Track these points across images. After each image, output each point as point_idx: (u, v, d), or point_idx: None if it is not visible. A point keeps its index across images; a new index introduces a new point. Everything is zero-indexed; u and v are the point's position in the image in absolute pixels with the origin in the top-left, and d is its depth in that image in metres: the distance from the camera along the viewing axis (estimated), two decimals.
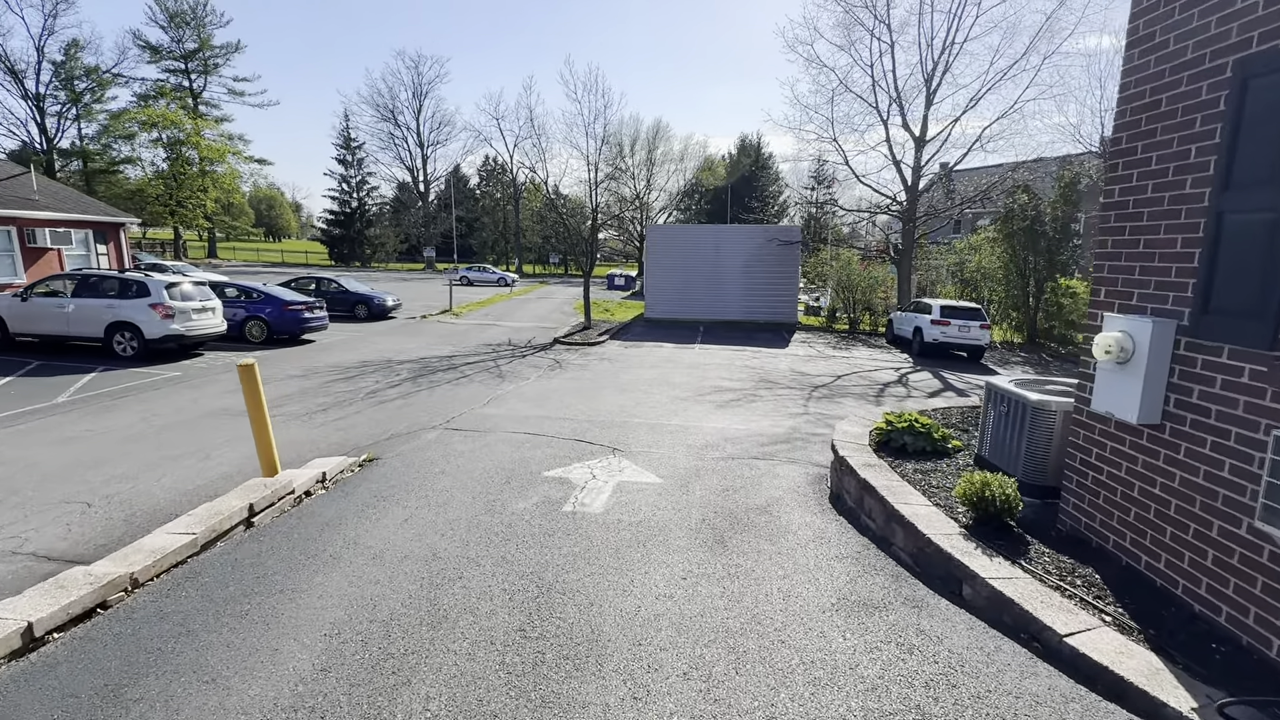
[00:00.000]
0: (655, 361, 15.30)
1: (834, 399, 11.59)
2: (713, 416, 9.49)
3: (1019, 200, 21.98)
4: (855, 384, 13.52)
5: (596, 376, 12.87)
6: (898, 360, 17.90)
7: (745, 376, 13.63)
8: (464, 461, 6.82)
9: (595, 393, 11.06)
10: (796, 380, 13.51)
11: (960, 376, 15.55)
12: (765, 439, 8.15)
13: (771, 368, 15.15)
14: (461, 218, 69.38)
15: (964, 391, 13.38)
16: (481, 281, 43.81)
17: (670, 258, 24.53)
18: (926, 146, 22.34)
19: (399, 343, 16.62)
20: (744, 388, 12.25)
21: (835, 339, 22.13)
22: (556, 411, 9.34)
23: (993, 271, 23.49)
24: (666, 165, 57.74)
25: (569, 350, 16.94)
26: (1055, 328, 22.96)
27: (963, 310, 18.50)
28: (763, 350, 18.42)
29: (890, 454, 6.10)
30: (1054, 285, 22.43)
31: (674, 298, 24.56)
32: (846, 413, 10.04)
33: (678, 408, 10.02)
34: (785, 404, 10.80)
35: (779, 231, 24.70)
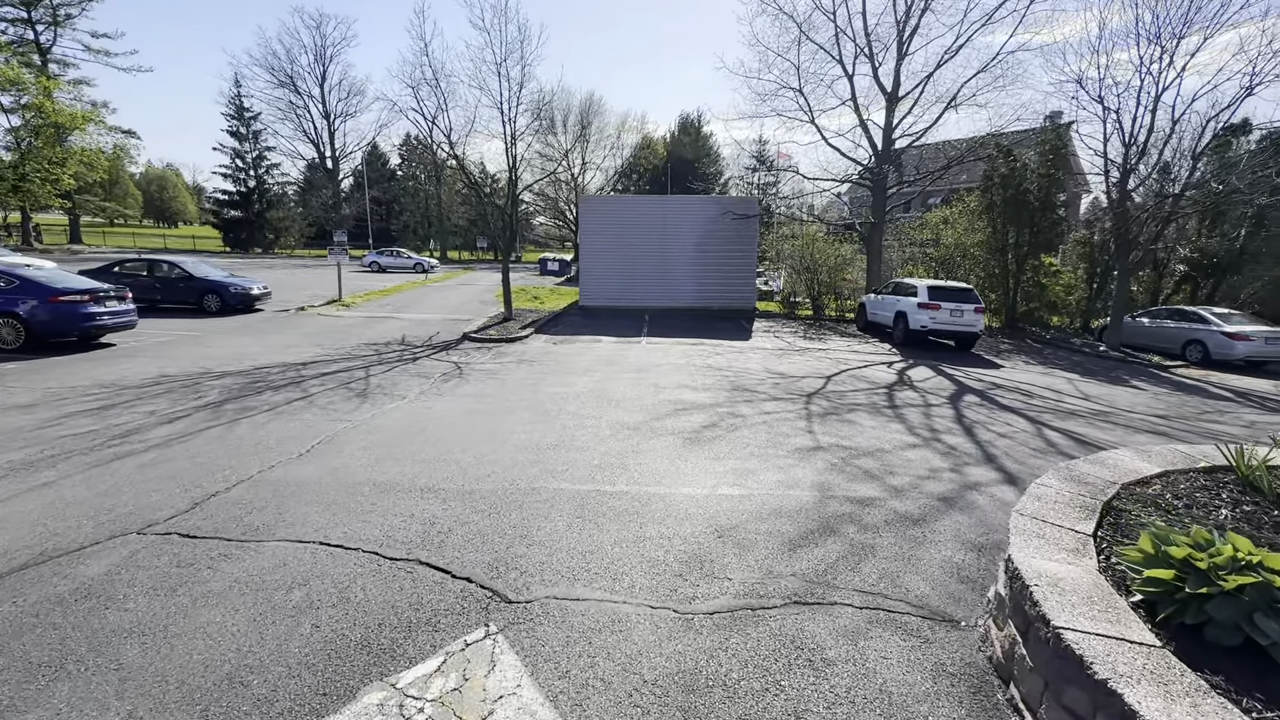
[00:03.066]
0: (591, 364, 11.62)
1: (842, 416, 8.28)
2: (683, 466, 5.91)
3: (1001, 167, 19.49)
4: (853, 389, 10.31)
5: (507, 390, 9.08)
6: (881, 352, 14.95)
7: (712, 383, 10.17)
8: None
9: (497, 422, 7.28)
10: (779, 387, 10.16)
11: (968, 373, 12.68)
12: (788, 522, 4.59)
13: (741, 368, 11.76)
14: (379, 199, 62.98)
15: (990, 395, 10.41)
16: (395, 268, 38.67)
17: (609, 235, 20.80)
18: (900, 104, 19.49)
19: (245, 345, 12.21)
20: (715, 401, 8.77)
21: (801, 327, 19.09)
22: (417, 471, 5.49)
23: (971, 248, 21.05)
24: (602, 142, 53.78)
25: (480, 349, 13.01)
26: (1035, 310, 20.80)
27: (953, 291, 15.75)
28: (724, 344, 15.06)
29: (1187, 640, 2.72)
30: (1035, 263, 20.20)
31: (614, 282, 20.87)
32: (871, 439, 6.72)
33: (626, 448, 6.39)
34: (783, 431, 7.38)
35: (734, 204, 21.39)
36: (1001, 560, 3.28)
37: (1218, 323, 15.74)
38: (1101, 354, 16.53)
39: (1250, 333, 15.25)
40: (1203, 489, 3.28)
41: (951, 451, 6.82)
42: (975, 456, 6.68)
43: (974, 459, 6.58)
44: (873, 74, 19.35)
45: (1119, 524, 2.91)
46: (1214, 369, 15.16)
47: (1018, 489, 5.59)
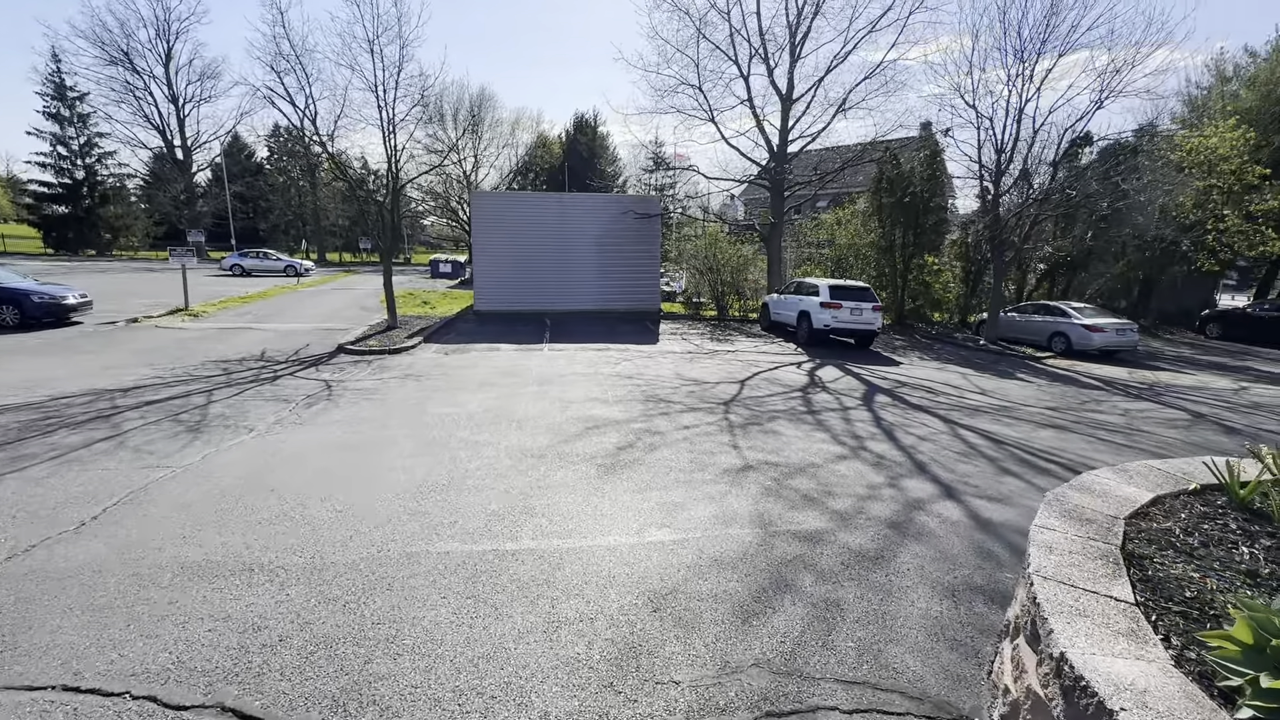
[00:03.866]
0: (488, 376, 10.41)
1: (764, 426, 7.73)
2: (601, 504, 4.99)
3: (888, 171, 20.29)
4: (769, 394, 9.88)
5: (387, 413, 7.72)
6: (788, 352, 14.86)
7: (624, 394, 9.33)
8: None
9: (370, 459, 5.99)
10: (694, 395, 9.52)
11: (873, 371, 12.77)
12: (734, 576, 3.78)
13: (652, 375, 11.04)
14: (244, 196, 56.47)
15: (899, 394, 10.40)
16: (262, 271, 34.57)
17: (505, 234, 19.43)
18: (794, 106, 19.74)
19: (47, 367, 9.78)
20: (629, 416, 7.93)
21: (707, 328, 18.80)
22: (249, 539, 4.15)
23: (863, 249, 21.79)
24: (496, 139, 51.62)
25: (357, 364, 11.36)
26: (921, 307, 21.92)
27: (853, 291, 16.01)
28: (631, 348, 14.32)
29: None
30: (920, 263, 21.26)
31: (512, 284, 19.53)
32: (799, 452, 6.17)
33: (530, 484, 5.37)
34: (706, 448, 6.66)
35: (636, 203, 20.75)
36: (1004, 638, 2.65)
37: (1077, 316, 17.14)
38: (982, 348, 17.52)
39: (1103, 325, 16.72)
40: (1205, 518, 2.84)
41: (882, 462, 6.42)
42: (906, 466, 6.31)
43: (905, 469, 6.21)
44: (768, 75, 19.48)
45: (1150, 579, 2.35)
46: (1076, 359, 16.47)
47: (958, 504, 5.22)
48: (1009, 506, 5.20)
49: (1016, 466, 6.56)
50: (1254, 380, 14.17)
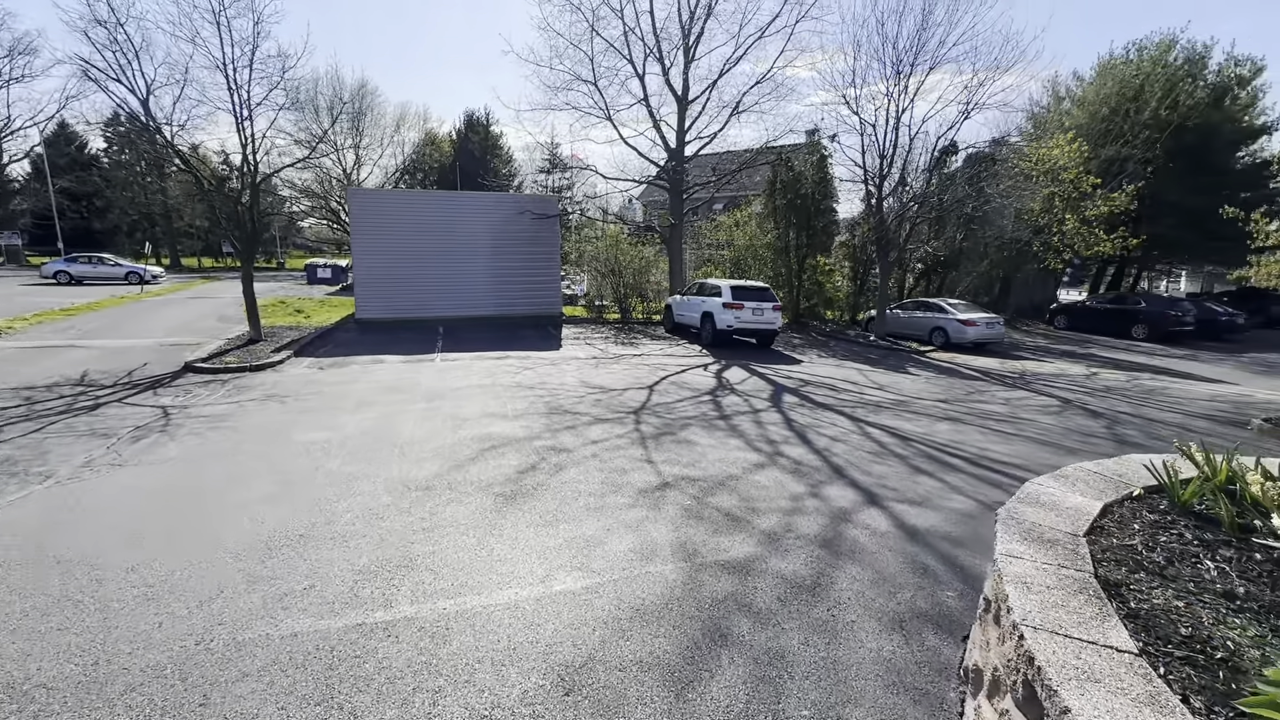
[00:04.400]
0: (369, 393, 9.23)
1: (677, 435, 7.29)
2: (499, 546, 4.26)
3: (782, 174, 20.83)
4: (678, 399, 9.50)
5: (240, 444, 6.47)
6: (694, 354, 14.68)
7: (525, 406, 8.56)
8: None
9: (208, 505, 4.86)
10: (602, 404, 8.93)
11: (777, 370, 12.82)
12: (661, 632, 3.17)
13: (556, 384, 10.33)
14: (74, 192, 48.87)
15: (805, 393, 10.40)
16: (98, 278, 29.90)
17: (390, 235, 17.86)
18: (690, 106, 19.73)
19: None
20: (531, 433, 7.19)
21: (611, 332, 18.31)
22: (4, 639, 3.07)
23: (760, 249, 22.25)
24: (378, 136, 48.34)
25: (210, 384, 9.73)
26: (815, 305, 22.73)
27: (753, 291, 16.14)
28: (532, 355, 13.50)
29: None
30: (813, 263, 22.03)
31: (398, 289, 17.99)
32: (716, 463, 5.77)
33: (413, 526, 4.53)
34: (618, 464, 6.08)
35: (533, 202, 19.86)
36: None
37: (954, 312, 18.39)
38: (872, 343, 18.36)
39: (976, 319, 18.05)
40: (1157, 527, 2.64)
41: (799, 468, 6.16)
42: (824, 471, 6.09)
43: (824, 475, 5.98)
44: (663, 75, 19.33)
45: (1138, 614, 2.07)
46: (955, 351, 17.64)
47: (882, 511, 5.01)
48: (930, 510, 5.06)
49: (926, 464, 6.54)
50: (1100, 366, 15.77)
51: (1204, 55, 25.97)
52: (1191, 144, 24.73)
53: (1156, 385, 13.18)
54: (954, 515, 4.95)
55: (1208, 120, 25.01)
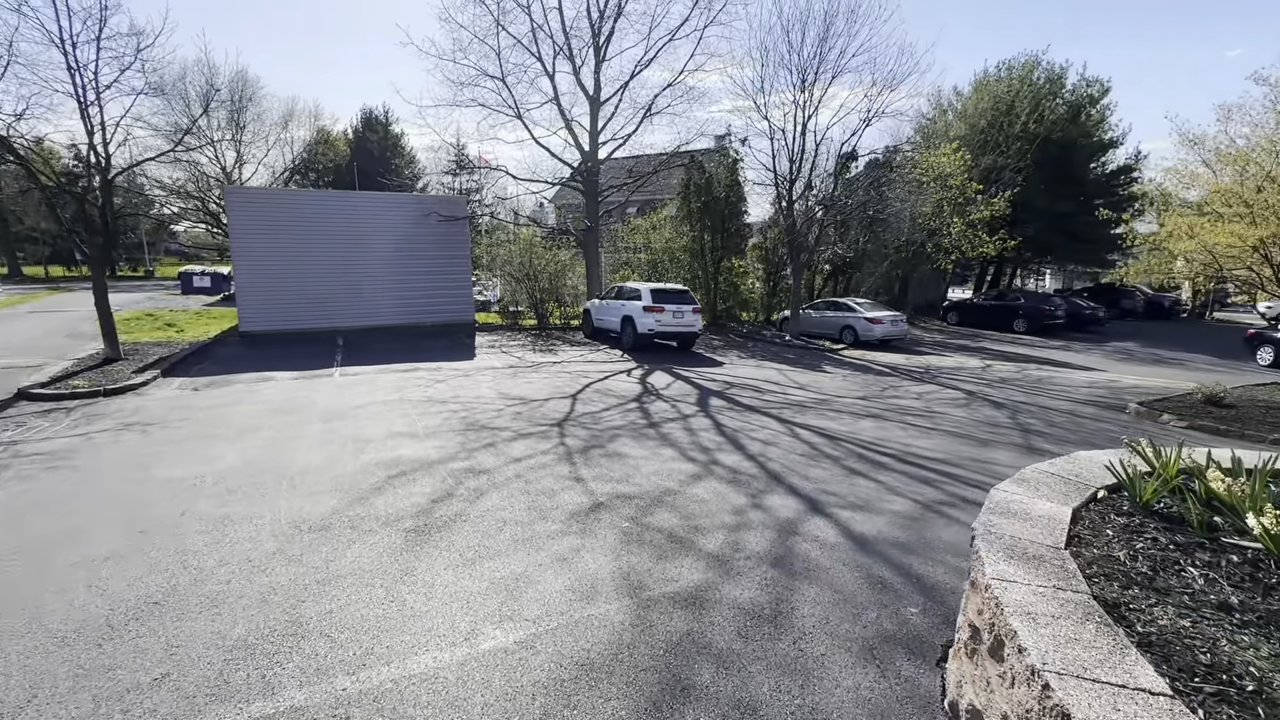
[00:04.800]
0: (253, 417, 8.12)
1: (606, 448, 6.86)
2: (412, 597, 3.63)
3: (695, 177, 20.93)
4: (604, 408, 9.08)
5: (83, 486, 5.35)
6: (615, 359, 14.32)
7: (438, 423, 7.82)
8: None
9: (30, 575, 3.89)
10: (523, 417, 8.33)
11: (701, 373, 12.70)
12: (614, 692, 2.76)
13: (471, 397, 9.60)
14: None
15: (731, 396, 10.28)
16: None
17: (278, 238, 16.22)
18: (603, 107, 19.39)
19: None
20: (446, 454, 6.50)
21: (528, 339, 17.60)
22: None
23: (677, 252, 22.26)
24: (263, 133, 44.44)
25: (51, 413, 8.22)
26: (731, 307, 23.04)
27: (673, 294, 16.02)
28: (445, 366, 12.60)
29: None
30: (728, 265, 22.32)
31: (290, 299, 16.38)
32: (650, 476, 5.42)
33: (302, 579, 3.81)
34: (545, 485, 5.56)
35: (440, 204, 18.76)
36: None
37: (861, 311, 19.18)
38: (788, 343, 18.79)
39: (882, 317, 18.91)
40: (1130, 532, 2.53)
41: (737, 477, 5.91)
42: (762, 479, 5.87)
43: (762, 482, 5.76)
44: (574, 74, 18.87)
45: (1151, 643, 1.88)
46: (864, 349, 18.37)
47: (827, 519, 4.82)
48: (873, 514, 4.94)
49: (859, 465, 6.50)
50: (992, 358, 16.93)
51: (1061, 75, 28.88)
52: (1055, 155, 27.37)
53: (1043, 375, 14.25)
54: (896, 519, 4.85)
55: (1068, 134, 27.80)
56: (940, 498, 5.45)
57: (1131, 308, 30.95)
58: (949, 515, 4.98)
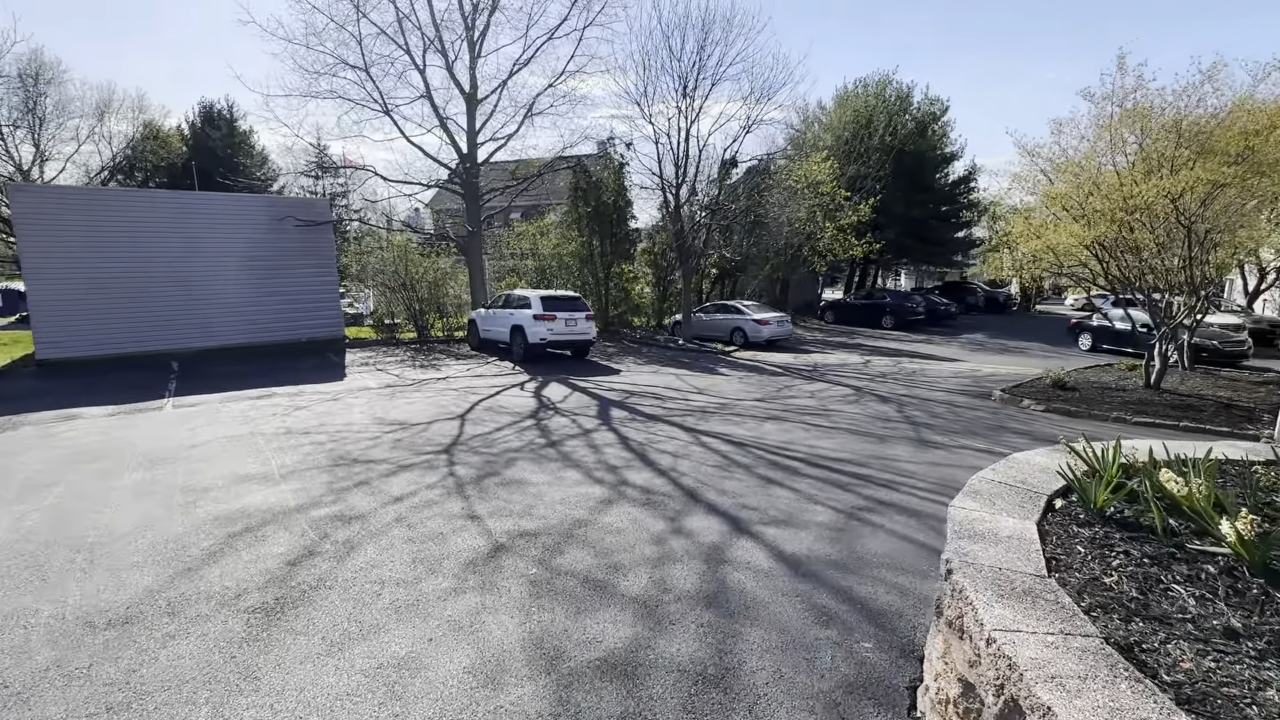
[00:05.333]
0: (46, 468, 6.43)
1: (503, 475, 6.11)
2: (258, 715, 2.76)
3: (582, 182, 20.43)
4: (497, 427, 8.28)
5: None
6: (506, 371, 13.43)
7: (297, 460, 6.63)
8: None
9: None
10: (404, 444, 7.33)
11: (598, 383, 12.18)
12: None
13: (341, 425, 8.38)
14: None
15: (632, 405, 9.85)
16: None
17: (88, 247, 13.59)
18: (481, 106, 18.34)
19: None
20: (308, 498, 5.43)
21: (408, 354, 16.14)
22: None
23: (566, 258, 21.61)
24: (70, 125, 37.96)
25: None
26: (624, 313, 22.79)
27: (564, 301, 15.39)
28: (308, 389, 11.07)
29: None
30: (619, 271, 22.05)
31: (105, 318, 13.79)
32: (556, 504, 4.82)
33: (94, 696, 2.78)
34: (434, 528, 4.73)
35: (297, 206, 16.76)
36: None
37: (750, 312, 19.64)
38: (682, 347, 18.81)
39: (769, 318, 19.48)
40: (1100, 547, 2.35)
41: (650, 497, 5.44)
42: (678, 498, 5.44)
43: (679, 502, 5.33)
44: (447, 69, 17.64)
45: (1184, 694, 1.57)
46: (754, 350, 18.79)
47: (754, 541, 4.47)
48: (798, 529, 4.66)
49: (772, 472, 6.29)
50: (869, 354, 17.95)
51: (909, 94, 31.78)
52: (909, 166, 29.99)
53: (915, 368, 15.27)
54: (823, 533, 4.61)
55: (918, 147, 30.59)
56: (858, 503, 5.32)
57: (974, 303, 34.63)
58: (872, 523, 4.82)
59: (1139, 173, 9.19)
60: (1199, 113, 9.05)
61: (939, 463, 6.88)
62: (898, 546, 4.34)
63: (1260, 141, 8.44)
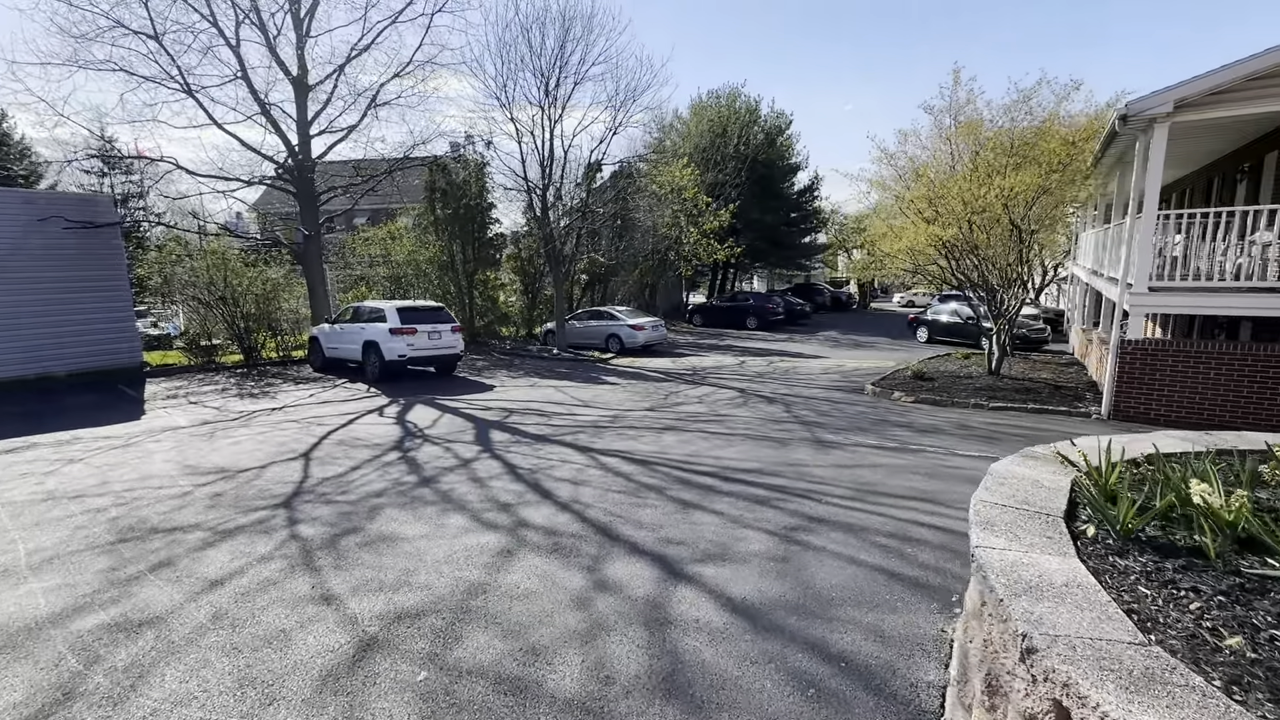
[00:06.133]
0: None
1: (366, 530, 4.86)
2: None
3: (440, 182, 18.72)
4: (353, 466, 6.87)
5: None
6: (360, 394, 11.68)
7: (62, 538, 4.83)
8: None
9: None
10: (225, 501, 5.72)
11: (471, 401, 10.93)
12: None
13: (133, 479, 6.44)
14: None
15: (514, 426, 8.81)
16: None
17: None
18: (314, 93, 16.03)
19: None
20: (73, 597, 3.84)
21: (233, 381, 13.56)
22: None
23: (423, 265, 19.69)
24: None
25: None
26: (491, 323, 21.34)
27: (425, 312, 13.81)
28: (85, 435, 8.63)
29: None
30: (484, 278, 20.59)
31: None
32: (440, 566, 3.91)
33: None
34: (268, 623, 3.46)
35: (65, 204, 13.36)
36: None
37: (624, 318, 19.21)
38: (557, 357, 17.89)
39: (644, 323, 19.18)
40: (1159, 584, 1.89)
41: (558, 542, 4.57)
42: (590, 538, 4.63)
43: (593, 543, 4.52)
44: (269, 48, 15.15)
45: None
46: (631, 356, 18.36)
47: (691, 586, 3.80)
48: (738, 564, 4.07)
49: (687, 493, 5.69)
50: (741, 355, 18.30)
51: (757, 106, 33.55)
52: (762, 175, 31.59)
53: (788, 366, 15.73)
54: (766, 566, 4.06)
55: (768, 156, 32.35)
56: (788, 522, 4.87)
57: (823, 302, 37.45)
58: (812, 545, 4.37)
59: (981, 176, 9.98)
60: (1023, 127, 10.02)
61: (844, 464, 6.74)
62: (851, 574, 3.90)
63: (1076, 152, 9.50)
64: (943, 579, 3.84)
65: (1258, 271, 8.13)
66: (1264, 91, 7.69)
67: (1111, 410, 8.90)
